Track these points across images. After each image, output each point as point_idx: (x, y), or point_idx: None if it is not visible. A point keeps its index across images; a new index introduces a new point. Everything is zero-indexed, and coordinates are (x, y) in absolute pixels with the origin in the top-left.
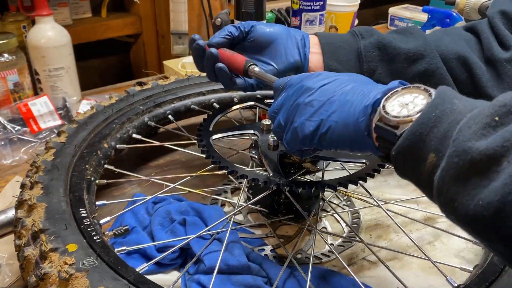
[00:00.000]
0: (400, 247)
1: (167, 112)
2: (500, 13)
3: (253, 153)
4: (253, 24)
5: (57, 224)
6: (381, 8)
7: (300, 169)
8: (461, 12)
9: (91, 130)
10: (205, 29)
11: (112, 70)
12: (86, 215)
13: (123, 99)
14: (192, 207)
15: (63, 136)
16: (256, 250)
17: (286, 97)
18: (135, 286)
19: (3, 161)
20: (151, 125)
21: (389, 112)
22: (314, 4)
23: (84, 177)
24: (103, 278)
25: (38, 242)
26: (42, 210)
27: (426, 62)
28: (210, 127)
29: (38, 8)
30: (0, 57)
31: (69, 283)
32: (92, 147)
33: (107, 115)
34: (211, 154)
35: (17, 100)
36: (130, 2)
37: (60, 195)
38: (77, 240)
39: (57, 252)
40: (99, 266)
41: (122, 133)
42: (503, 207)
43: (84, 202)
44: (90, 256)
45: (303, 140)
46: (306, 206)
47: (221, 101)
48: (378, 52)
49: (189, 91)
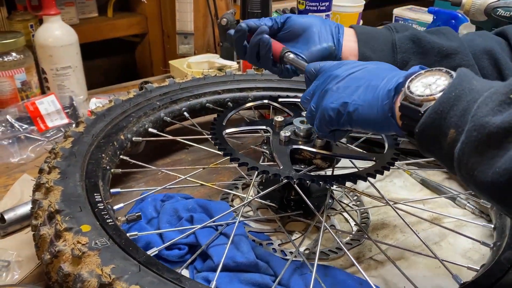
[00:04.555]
0: (406, 247)
1: (182, 108)
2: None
3: (264, 148)
4: (289, 16)
5: (72, 206)
6: (386, 9)
7: (311, 165)
8: (467, 13)
9: (108, 122)
10: (210, 29)
11: (118, 70)
12: (101, 200)
13: (141, 94)
14: (199, 204)
15: (82, 126)
16: (264, 244)
17: (317, 85)
18: (145, 267)
19: (11, 160)
20: (167, 121)
21: (413, 91)
22: (320, 4)
23: (100, 165)
24: (114, 258)
25: (54, 222)
26: (58, 193)
27: (459, 58)
28: (223, 122)
29: (45, 8)
30: (8, 56)
31: (81, 260)
32: (109, 137)
33: (125, 109)
34: (224, 146)
35: (25, 98)
36: (136, 2)
37: (76, 180)
38: (91, 222)
39: (71, 232)
40: (111, 246)
41: (139, 127)
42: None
43: (99, 188)
44: (102, 237)
45: (331, 121)
46: (316, 203)
47: (235, 100)
48: (412, 45)
49: (205, 90)
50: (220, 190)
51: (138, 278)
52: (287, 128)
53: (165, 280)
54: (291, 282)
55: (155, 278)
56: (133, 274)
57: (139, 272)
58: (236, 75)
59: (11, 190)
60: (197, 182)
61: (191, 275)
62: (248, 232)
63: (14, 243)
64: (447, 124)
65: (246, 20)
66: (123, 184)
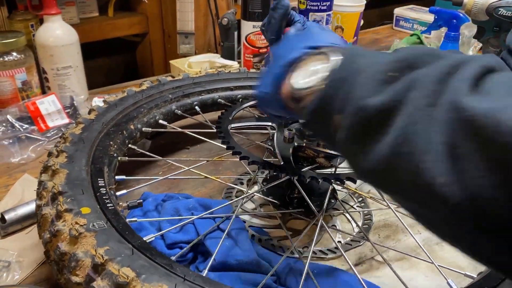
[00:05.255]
0: (408, 247)
1: (194, 103)
2: None
3: (269, 144)
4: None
5: (75, 189)
6: (387, 9)
7: (313, 164)
8: (469, 13)
9: (120, 111)
10: (211, 29)
11: (118, 70)
12: (103, 185)
13: (154, 87)
14: (199, 203)
15: (93, 114)
16: (264, 239)
17: None
18: (139, 251)
19: (12, 159)
20: (178, 114)
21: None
22: (321, 4)
23: (107, 152)
24: (109, 240)
25: (56, 203)
26: (63, 175)
27: None
28: (230, 117)
29: (46, 7)
30: (9, 55)
31: (77, 241)
32: (119, 126)
33: (137, 99)
34: (227, 140)
35: (25, 98)
36: (137, 2)
37: (82, 164)
38: (91, 205)
39: (71, 213)
40: (108, 229)
41: (149, 118)
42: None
43: (104, 173)
44: (100, 220)
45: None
46: (318, 202)
47: (247, 97)
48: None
49: (217, 85)
50: (224, 185)
51: (130, 261)
52: (292, 126)
53: (156, 265)
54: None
55: (146, 262)
56: (126, 257)
57: (132, 256)
58: (250, 73)
59: (11, 190)
60: (201, 174)
61: None
62: (248, 227)
63: (15, 244)
64: (332, 109)
65: None
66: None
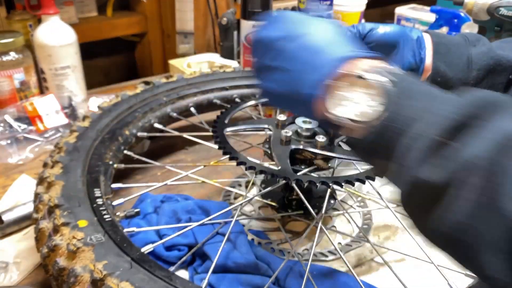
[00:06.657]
0: (408, 247)
1: (189, 104)
2: None
3: (266, 147)
4: (371, 28)
5: (72, 201)
6: (388, 8)
7: (311, 166)
8: (470, 13)
9: (114, 117)
10: (211, 28)
11: (117, 69)
12: (100, 195)
13: (148, 90)
14: (198, 206)
15: (87, 121)
16: (263, 243)
17: None
18: (137, 264)
19: (9, 160)
20: (173, 116)
21: (334, 112)
22: (322, 3)
23: (102, 160)
24: (107, 254)
25: (53, 216)
26: (59, 187)
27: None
28: (226, 120)
29: (44, 7)
30: (7, 55)
31: (76, 255)
32: (113, 133)
33: (131, 104)
34: (223, 145)
35: (23, 98)
36: (136, 1)
37: (78, 175)
38: (88, 217)
39: (69, 227)
40: (106, 242)
41: (144, 122)
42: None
43: (100, 183)
44: (98, 233)
45: None
46: (317, 203)
47: (243, 96)
48: (489, 61)
49: (212, 86)
50: (222, 188)
51: (129, 275)
52: (289, 127)
53: (155, 278)
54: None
55: (146, 275)
56: (125, 271)
57: (131, 269)
58: (244, 71)
59: (9, 191)
60: (199, 179)
61: (190, 277)
62: (247, 231)
63: (12, 244)
64: (383, 157)
65: None
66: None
